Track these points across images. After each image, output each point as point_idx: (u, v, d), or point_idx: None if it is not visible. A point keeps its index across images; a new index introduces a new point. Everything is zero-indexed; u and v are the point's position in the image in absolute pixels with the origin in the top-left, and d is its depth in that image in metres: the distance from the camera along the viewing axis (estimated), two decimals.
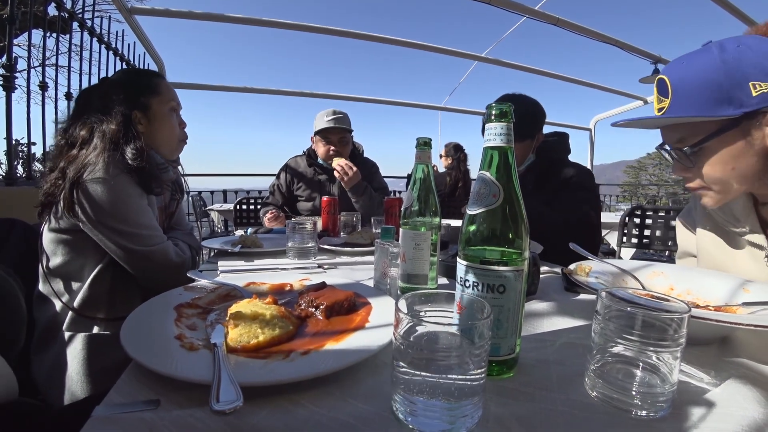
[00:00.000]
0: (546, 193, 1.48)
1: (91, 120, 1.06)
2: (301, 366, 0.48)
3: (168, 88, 1.22)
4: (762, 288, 0.69)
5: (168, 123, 1.20)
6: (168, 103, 1.20)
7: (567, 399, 0.44)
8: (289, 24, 3.74)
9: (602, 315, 0.44)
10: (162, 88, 1.20)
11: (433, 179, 0.80)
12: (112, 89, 1.12)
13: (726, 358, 0.55)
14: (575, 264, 0.82)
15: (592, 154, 6.64)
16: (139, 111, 1.13)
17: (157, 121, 1.17)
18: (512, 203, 0.49)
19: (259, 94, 5.20)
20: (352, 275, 0.99)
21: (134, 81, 1.17)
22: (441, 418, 0.37)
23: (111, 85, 1.14)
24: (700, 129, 0.75)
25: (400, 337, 0.39)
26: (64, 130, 1.08)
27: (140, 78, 1.19)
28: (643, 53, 4.36)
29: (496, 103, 0.50)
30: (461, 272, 0.50)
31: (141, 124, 1.13)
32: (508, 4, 3.38)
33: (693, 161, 0.78)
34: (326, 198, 1.61)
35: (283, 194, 2.18)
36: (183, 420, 0.39)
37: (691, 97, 0.74)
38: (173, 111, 1.23)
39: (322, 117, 2.04)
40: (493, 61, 4.83)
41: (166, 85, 1.23)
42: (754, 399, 0.44)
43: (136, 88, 1.15)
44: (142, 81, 1.18)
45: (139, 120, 1.13)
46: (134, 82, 1.16)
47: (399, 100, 6.37)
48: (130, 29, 3.10)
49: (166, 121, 1.20)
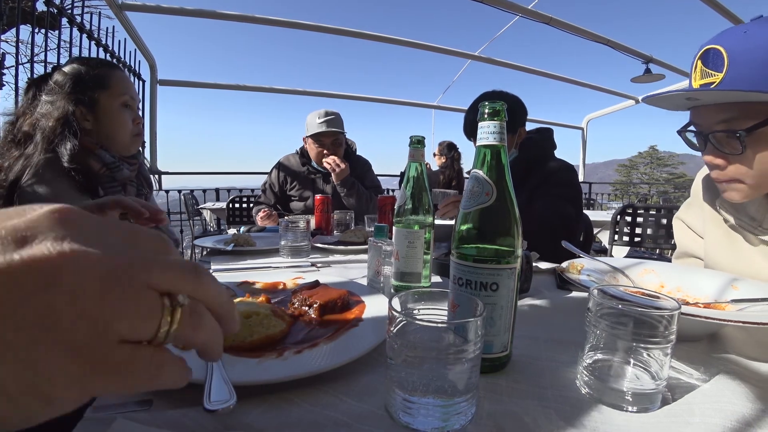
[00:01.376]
0: (527, 189, 1.49)
1: (35, 115, 1.00)
2: (295, 365, 0.48)
3: (120, 80, 1.15)
4: (750, 285, 0.70)
5: (119, 119, 1.13)
6: (119, 98, 1.13)
7: (559, 396, 0.45)
8: (281, 21, 3.72)
9: (594, 312, 0.45)
10: (112, 80, 1.12)
11: (426, 177, 0.81)
12: (59, 82, 1.05)
13: (715, 354, 0.56)
14: (567, 262, 0.82)
15: (584, 153, 6.70)
16: (84, 107, 1.07)
17: (106, 117, 1.11)
18: (505, 201, 0.49)
19: (251, 92, 5.18)
20: (346, 274, 0.99)
21: (82, 74, 1.09)
22: (435, 415, 0.37)
23: (59, 77, 1.07)
24: (757, 110, 0.66)
25: (393, 335, 0.39)
26: (11, 124, 1.02)
27: (90, 70, 1.10)
28: (634, 53, 4.41)
29: (488, 101, 0.50)
30: (454, 270, 0.51)
31: (87, 121, 1.08)
32: (501, 2, 3.39)
33: (740, 147, 0.68)
34: (319, 196, 1.61)
35: (275, 193, 2.16)
36: (176, 420, 0.38)
37: (754, 70, 0.65)
38: (125, 106, 1.15)
39: (314, 119, 2.02)
40: (486, 59, 4.85)
41: (119, 77, 1.15)
42: (743, 394, 0.45)
43: (83, 82, 1.08)
44: (90, 74, 1.10)
45: (84, 116, 1.07)
46: (82, 76, 1.08)
47: (392, 98, 6.36)
48: (121, 25, 3.06)
49: (116, 117, 1.13)
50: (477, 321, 0.38)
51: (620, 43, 4.26)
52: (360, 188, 2.02)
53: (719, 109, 0.70)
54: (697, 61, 0.72)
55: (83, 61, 1.14)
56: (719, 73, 0.68)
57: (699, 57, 0.72)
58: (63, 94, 1.04)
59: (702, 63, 0.71)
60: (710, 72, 0.69)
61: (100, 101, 1.10)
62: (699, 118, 0.74)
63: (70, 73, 1.08)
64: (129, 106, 1.17)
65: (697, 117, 0.74)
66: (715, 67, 0.69)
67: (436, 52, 4.58)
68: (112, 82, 1.12)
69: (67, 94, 1.04)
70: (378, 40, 4.19)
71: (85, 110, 1.07)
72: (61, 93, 1.04)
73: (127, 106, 1.16)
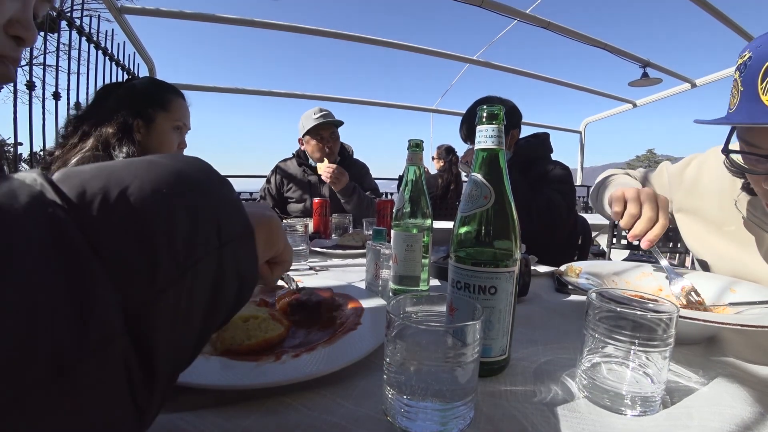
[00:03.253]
0: (522, 189, 1.57)
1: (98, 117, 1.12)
2: (293, 368, 0.47)
3: (180, 107, 1.29)
4: (748, 288, 0.70)
5: (167, 139, 1.26)
6: (174, 121, 1.26)
7: (558, 399, 0.45)
8: (280, 25, 3.73)
9: (592, 315, 0.45)
10: (173, 105, 1.26)
11: (424, 181, 0.81)
12: (128, 93, 1.19)
13: (713, 357, 0.56)
14: (566, 265, 0.82)
15: (582, 156, 6.71)
16: (142, 120, 1.19)
17: (156, 134, 1.23)
18: (503, 205, 0.49)
19: (249, 95, 5.18)
20: (344, 277, 0.99)
21: (149, 92, 1.24)
22: (433, 419, 0.37)
23: (129, 89, 1.22)
24: None
25: (391, 339, 0.38)
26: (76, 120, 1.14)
27: (157, 90, 1.26)
28: (632, 57, 4.43)
29: (487, 105, 0.50)
30: (453, 274, 0.51)
31: (139, 133, 1.18)
32: (499, 7, 3.40)
33: None
34: (317, 200, 1.60)
35: (273, 197, 2.17)
36: (173, 423, 0.38)
37: None
38: (177, 129, 1.28)
39: (310, 116, 2.04)
40: (484, 63, 4.86)
41: (180, 104, 1.29)
42: (741, 397, 0.45)
43: (148, 99, 1.21)
44: (156, 94, 1.25)
45: (138, 128, 1.18)
46: (149, 93, 1.23)
47: (390, 102, 6.39)
48: (120, 29, 3.06)
49: (165, 137, 1.25)
50: (475, 324, 0.37)
51: (618, 48, 4.28)
52: (361, 193, 2.01)
53: None
54: (737, 75, 0.64)
55: (154, 82, 1.31)
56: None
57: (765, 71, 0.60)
58: (128, 104, 1.17)
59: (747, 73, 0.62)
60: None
61: (157, 119, 1.23)
62: (766, 140, 0.64)
63: (141, 89, 1.23)
64: (179, 131, 1.31)
65: (763, 139, 0.64)
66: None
67: (434, 56, 4.59)
68: (173, 106, 1.27)
69: (132, 105, 1.17)
70: (376, 44, 4.20)
71: (141, 123, 1.19)
72: (128, 102, 1.17)
73: (178, 130, 1.30)
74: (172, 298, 0.24)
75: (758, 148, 0.65)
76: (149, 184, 0.25)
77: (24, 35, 0.42)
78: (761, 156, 0.65)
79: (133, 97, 1.19)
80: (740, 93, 0.64)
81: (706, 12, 3.39)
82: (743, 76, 0.63)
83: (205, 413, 0.40)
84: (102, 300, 0.21)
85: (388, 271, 0.80)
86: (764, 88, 0.60)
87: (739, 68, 0.65)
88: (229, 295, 0.30)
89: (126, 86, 1.24)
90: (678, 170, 1.01)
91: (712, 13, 3.39)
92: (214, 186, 0.31)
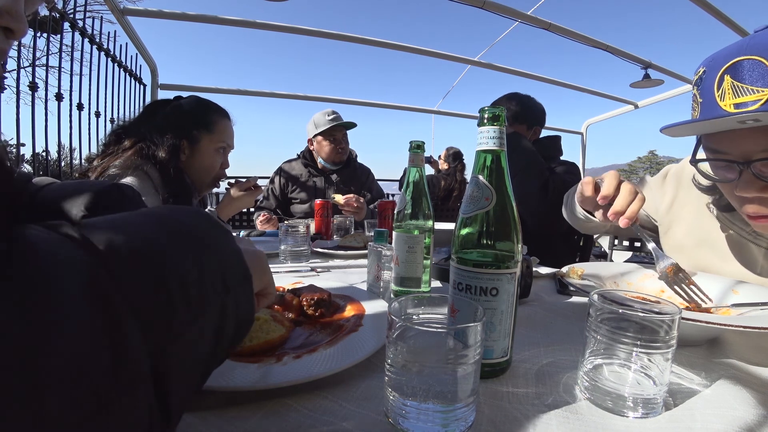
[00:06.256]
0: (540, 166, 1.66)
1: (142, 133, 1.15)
2: (294, 370, 0.47)
3: (225, 128, 1.31)
4: (750, 290, 0.70)
5: (209, 160, 1.28)
6: (218, 143, 1.29)
7: (560, 401, 0.45)
8: (282, 27, 3.74)
9: (594, 317, 0.44)
10: (218, 126, 1.28)
11: (425, 183, 0.81)
12: (174, 112, 1.22)
13: (716, 359, 0.56)
14: (567, 266, 0.82)
15: (583, 158, 6.70)
16: (186, 140, 1.21)
17: (199, 155, 1.25)
18: (505, 206, 0.49)
19: (252, 97, 5.18)
20: (346, 278, 0.99)
21: (195, 112, 1.26)
22: (434, 421, 0.37)
23: (175, 107, 1.24)
24: None
25: (393, 341, 0.38)
26: (118, 133, 1.16)
27: (203, 111, 1.28)
28: (633, 58, 4.42)
29: (488, 107, 0.50)
30: (454, 275, 0.51)
31: (184, 153, 1.21)
32: (500, 8, 3.40)
33: None
34: (319, 201, 1.60)
35: (276, 197, 2.17)
36: None
37: None
38: (221, 150, 1.31)
39: (323, 117, 2.06)
40: (486, 65, 4.86)
41: (225, 125, 1.31)
42: (744, 399, 0.44)
43: (194, 119, 1.24)
44: (202, 114, 1.27)
45: (183, 149, 1.21)
46: (195, 114, 1.25)
47: (392, 103, 6.38)
48: (122, 30, 3.07)
49: (208, 159, 1.28)
50: (477, 326, 0.37)
51: (619, 49, 4.27)
52: (369, 210, 1.99)
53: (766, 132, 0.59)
54: (724, 76, 0.61)
55: (200, 102, 1.31)
56: (765, 89, 0.57)
57: (726, 72, 0.60)
58: (174, 123, 1.19)
59: (732, 78, 0.60)
60: (750, 88, 0.58)
61: (202, 141, 1.25)
62: (732, 145, 0.63)
63: (188, 110, 1.25)
64: (223, 151, 1.33)
65: (729, 144, 0.63)
66: (756, 82, 0.57)
67: (436, 58, 4.59)
68: (218, 128, 1.28)
69: (178, 125, 1.20)
70: (378, 46, 4.20)
71: (186, 144, 1.22)
72: (174, 122, 1.19)
73: (222, 151, 1.32)
74: (186, 342, 0.27)
75: (725, 153, 0.66)
76: (165, 237, 0.29)
77: (14, 26, 0.41)
78: (729, 161, 0.65)
79: (179, 116, 1.21)
80: (700, 104, 0.66)
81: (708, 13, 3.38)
82: (701, 89, 0.66)
83: (206, 415, 0.40)
84: (132, 344, 0.22)
85: (390, 272, 0.80)
86: (720, 95, 0.62)
87: (696, 83, 0.68)
88: (228, 337, 0.33)
89: (173, 105, 1.26)
90: (657, 183, 1.01)
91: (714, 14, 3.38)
92: (220, 237, 0.34)
